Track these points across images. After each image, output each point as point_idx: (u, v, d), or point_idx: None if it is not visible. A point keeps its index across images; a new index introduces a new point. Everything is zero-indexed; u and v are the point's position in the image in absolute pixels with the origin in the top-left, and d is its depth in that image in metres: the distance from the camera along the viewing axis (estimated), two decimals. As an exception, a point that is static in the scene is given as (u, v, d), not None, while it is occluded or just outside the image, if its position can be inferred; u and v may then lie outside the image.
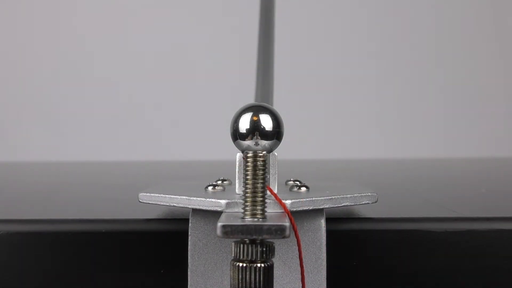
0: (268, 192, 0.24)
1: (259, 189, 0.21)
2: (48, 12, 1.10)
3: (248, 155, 0.21)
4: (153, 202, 0.26)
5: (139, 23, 1.10)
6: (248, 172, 0.21)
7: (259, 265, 0.20)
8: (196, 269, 0.25)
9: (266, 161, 0.22)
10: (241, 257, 0.21)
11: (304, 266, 0.24)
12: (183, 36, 1.10)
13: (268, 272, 0.21)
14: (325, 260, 0.25)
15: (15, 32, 1.10)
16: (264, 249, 0.21)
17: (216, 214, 0.23)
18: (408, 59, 1.11)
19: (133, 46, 1.10)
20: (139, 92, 1.10)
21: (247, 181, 0.21)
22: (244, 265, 0.20)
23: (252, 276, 0.20)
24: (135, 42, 1.10)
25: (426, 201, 0.34)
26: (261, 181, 0.21)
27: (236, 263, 0.21)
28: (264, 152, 0.22)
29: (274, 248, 0.21)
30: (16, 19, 1.10)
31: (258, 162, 0.21)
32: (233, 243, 0.21)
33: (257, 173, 0.21)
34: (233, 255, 0.21)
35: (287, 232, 0.20)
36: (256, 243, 0.21)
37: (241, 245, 0.21)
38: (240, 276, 0.20)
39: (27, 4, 1.10)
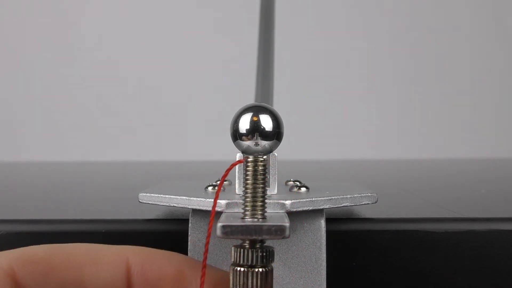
0: (268, 193, 0.25)
1: (259, 190, 0.21)
2: (49, 12, 1.10)
3: (249, 159, 0.21)
4: (153, 202, 0.26)
5: (138, 23, 1.10)
6: (248, 175, 0.21)
7: (258, 269, 0.20)
8: (196, 269, 0.25)
9: (266, 163, 0.22)
10: (241, 261, 0.21)
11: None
12: (183, 36, 1.10)
13: (268, 277, 0.21)
14: (325, 260, 0.25)
15: (15, 31, 1.10)
16: (264, 253, 0.21)
17: (216, 214, 0.23)
18: (408, 59, 1.11)
19: (133, 46, 1.10)
20: (139, 92, 1.10)
21: (247, 183, 0.21)
22: (244, 269, 0.20)
23: (252, 281, 0.20)
24: (134, 42, 1.10)
25: (426, 202, 0.34)
26: (261, 182, 0.21)
27: (235, 268, 0.21)
28: (265, 157, 0.22)
29: (273, 253, 0.21)
30: (16, 19, 1.10)
31: (258, 166, 0.21)
32: (232, 248, 0.21)
33: (257, 175, 0.21)
34: (232, 260, 0.21)
35: (287, 232, 0.20)
36: (255, 248, 0.21)
37: (241, 250, 0.21)
38: (240, 281, 0.21)
39: (28, 4, 1.10)
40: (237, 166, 0.26)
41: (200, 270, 0.22)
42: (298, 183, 0.28)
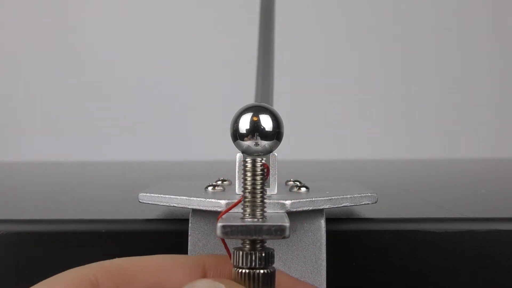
0: (268, 193, 0.25)
1: (259, 191, 0.21)
2: (49, 12, 1.10)
3: (247, 161, 0.21)
4: (153, 202, 0.26)
5: (138, 23, 1.10)
6: (247, 176, 0.21)
7: (260, 271, 0.20)
8: (196, 269, 0.25)
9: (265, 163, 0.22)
10: (240, 264, 0.21)
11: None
12: (183, 36, 1.10)
13: (269, 278, 0.21)
14: (325, 260, 0.25)
15: (15, 32, 1.10)
16: (263, 255, 0.21)
17: (216, 214, 0.23)
18: (408, 59, 1.11)
19: (132, 46, 1.10)
20: (138, 92, 1.10)
21: (246, 184, 0.21)
22: (246, 271, 0.20)
23: (254, 282, 0.20)
24: (134, 42, 1.10)
25: (426, 202, 0.34)
26: (261, 182, 0.21)
27: (238, 270, 0.21)
28: (263, 159, 0.22)
29: (273, 254, 0.21)
30: (16, 19, 1.10)
31: (257, 167, 0.21)
32: (233, 250, 0.21)
33: (256, 176, 0.21)
34: (234, 263, 0.21)
35: (287, 232, 0.20)
36: (256, 250, 0.21)
37: (241, 252, 0.21)
38: (244, 282, 0.20)
39: (28, 4, 1.10)
40: (237, 166, 0.26)
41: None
42: (298, 183, 0.28)
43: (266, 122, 0.24)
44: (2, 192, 0.43)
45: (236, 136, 0.24)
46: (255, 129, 0.24)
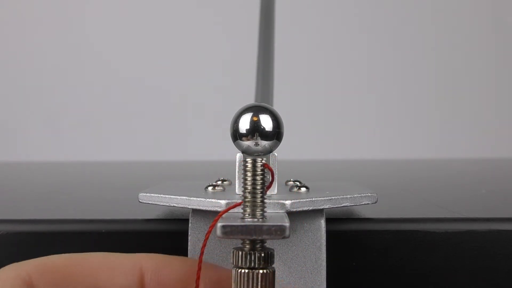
0: (268, 193, 0.25)
1: (259, 191, 0.21)
2: (49, 11, 1.10)
3: (248, 161, 0.21)
4: (153, 202, 0.26)
5: (138, 23, 1.10)
6: (248, 176, 0.21)
7: (260, 271, 0.20)
8: (196, 269, 0.25)
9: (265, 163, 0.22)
10: (240, 264, 0.21)
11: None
12: (183, 36, 1.10)
13: (269, 279, 0.21)
14: (325, 260, 0.25)
15: (15, 31, 1.10)
16: (263, 255, 0.21)
17: (216, 214, 0.23)
18: (408, 59, 1.11)
19: (133, 46, 1.10)
20: (138, 92, 1.10)
21: (246, 184, 0.21)
22: (245, 271, 0.20)
23: (254, 282, 0.20)
24: (135, 42, 1.10)
25: (426, 202, 0.34)
26: (261, 182, 0.21)
27: (237, 270, 0.21)
28: (264, 159, 0.22)
29: (273, 254, 0.21)
30: (16, 19, 1.10)
31: (257, 167, 0.21)
32: (232, 250, 0.21)
33: (257, 176, 0.21)
34: (233, 263, 0.21)
35: (287, 232, 0.20)
36: (255, 250, 0.21)
37: (240, 253, 0.21)
38: (243, 282, 0.21)
39: (28, 4, 1.10)
40: (237, 166, 0.26)
41: (211, 271, 0.22)
42: (298, 183, 0.28)
43: (266, 122, 0.24)
44: (2, 192, 0.43)
45: (236, 136, 0.24)
46: (255, 129, 0.24)
